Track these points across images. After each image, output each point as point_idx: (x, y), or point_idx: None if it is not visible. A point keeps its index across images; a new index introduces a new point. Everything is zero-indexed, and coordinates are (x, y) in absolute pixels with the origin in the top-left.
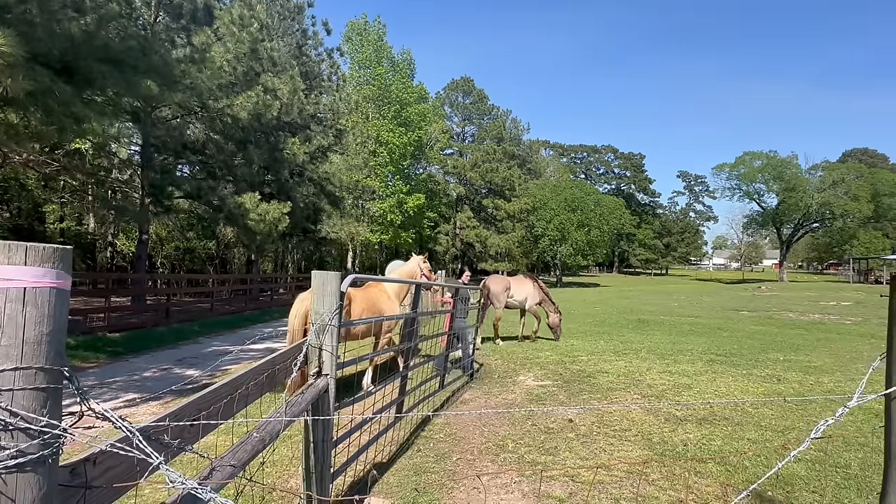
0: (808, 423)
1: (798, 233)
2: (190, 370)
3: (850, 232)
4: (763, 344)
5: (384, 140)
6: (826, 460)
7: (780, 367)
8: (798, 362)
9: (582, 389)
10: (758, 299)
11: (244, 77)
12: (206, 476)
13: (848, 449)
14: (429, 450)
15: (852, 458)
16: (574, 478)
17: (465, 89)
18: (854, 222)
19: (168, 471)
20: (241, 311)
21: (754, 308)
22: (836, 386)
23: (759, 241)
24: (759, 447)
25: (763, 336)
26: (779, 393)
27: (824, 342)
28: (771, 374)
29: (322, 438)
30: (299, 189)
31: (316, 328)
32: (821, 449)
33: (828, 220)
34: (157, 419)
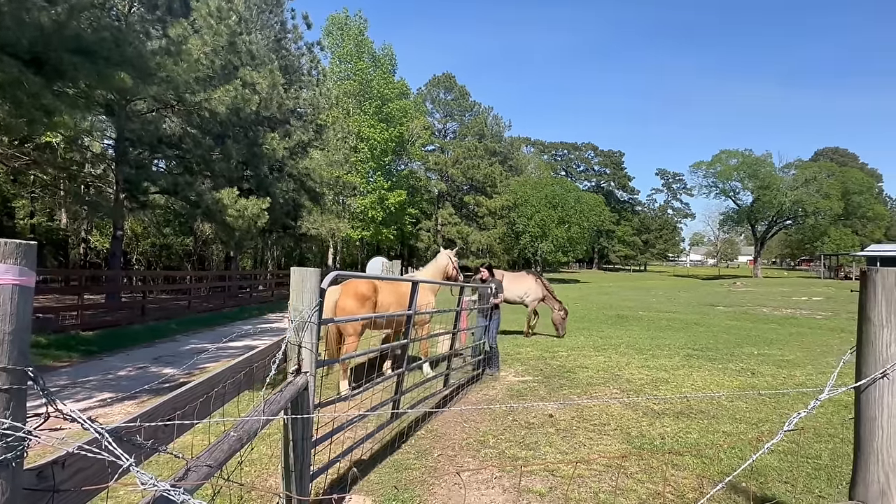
0: (780, 416)
1: (772, 230)
2: (167, 369)
3: (822, 229)
4: (738, 338)
5: (365, 136)
6: (798, 451)
7: (754, 361)
8: (771, 356)
9: (562, 385)
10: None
11: (222, 71)
12: (182, 477)
13: (819, 440)
14: (410, 446)
15: (823, 448)
16: (554, 472)
17: (446, 86)
18: (825, 220)
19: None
20: (220, 308)
21: (730, 303)
22: (807, 379)
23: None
24: (734, 439)
25: (738, 331)
26: (753, 386)
27: (796, 336)
28: (745, 368)
29: (301, 437)
30: (279, 185)
31: (295, 325)
32: (793, 440)
33: (800, 218)
34: (129, 419)
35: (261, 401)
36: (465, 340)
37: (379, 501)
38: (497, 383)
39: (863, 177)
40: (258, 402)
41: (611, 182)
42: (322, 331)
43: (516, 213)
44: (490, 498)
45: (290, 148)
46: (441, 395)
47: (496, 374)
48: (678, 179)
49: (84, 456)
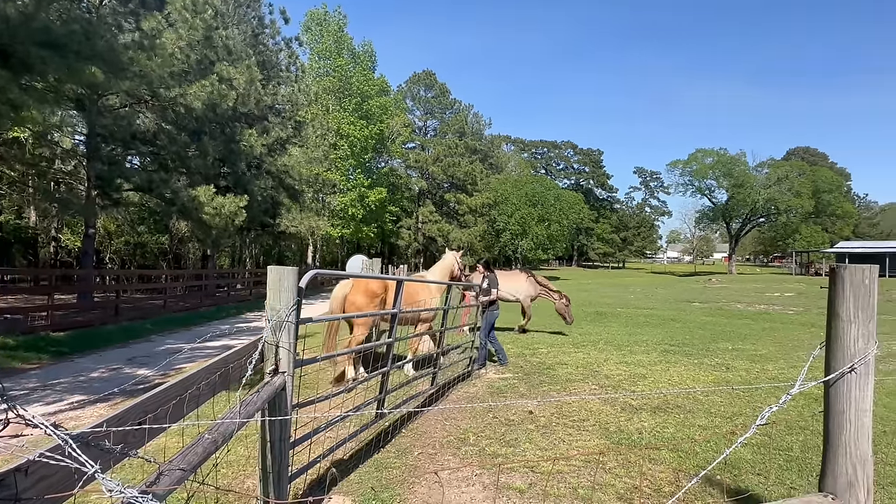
0: (754, 409)
1: (746, 227)
2: (141, 370)
3: (793, 226)
4: (713, 334)
5: (345, 133)
6: (770, 444)
7: (728, 355)
8: (745, 351)
9: (542, 381)
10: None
11: (198, 65)
12: (154, 481)
13: (790, 432)
14: (391, 445)
15: (794, 441)
16: (534, 468)
17: (427, 83)
18: (797, 217)
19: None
20: (197, 307)
21: (705, 299)
22: (779, 373)
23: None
24: (709, 433)
25: (713, 326)
26: (727, 381)
27: (769, 331)
28: (720, 363)
29: (279, 438)
30: (257, 182)
31: (272, 325)
32: (765, 433)
33: (773, 216)
34: (95, 424)
35: (237, 402)
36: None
37: (359, 501)
38: (478, 381)
39: (832, 175)
40: (234, 403)
41: (590, 180)
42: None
43: (497, 211)
44: (470, 495)
45: (269, 145)
46: (427, 394)
47: (501, 368)
48: (655, 178)
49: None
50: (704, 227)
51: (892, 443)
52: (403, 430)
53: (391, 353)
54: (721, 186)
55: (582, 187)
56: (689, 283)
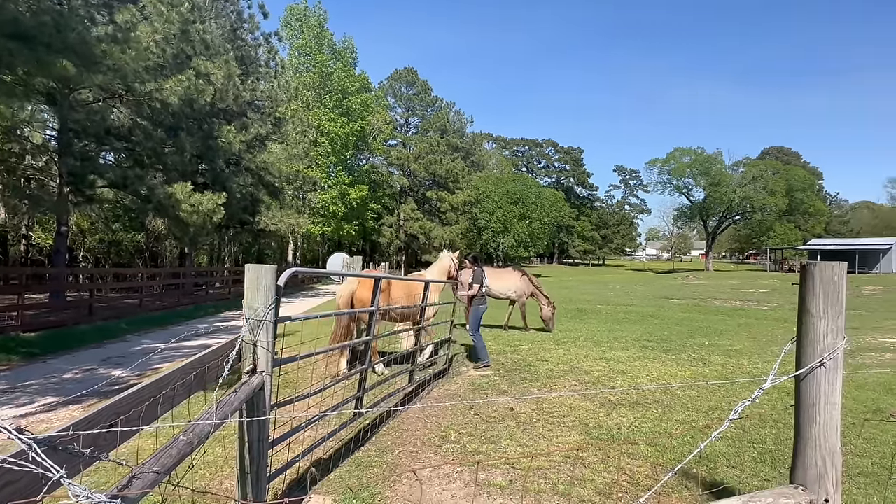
0: (729, 404)
1: (722, 225)
2: (116, 370)
3: (768, 224)
4: (690, 330)
5: (326, 130)
6: (744, 437)
7: (705, 351)
8: (721, 346)
9: (523, 378)
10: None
11: (174, 60)
12: (126, 485)
13: (764, 426)
14: (372, 444)
15: (767, 434)
16: (514, 465)
17: (408, 80)
18: (771, 215)
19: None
20: (174, 306)
21: (683, 296)
22: (754, 368)
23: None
24: (686, 427)
25: (690, 322)
26: (704, 376)
27: (744, 327)
28: (697, 359)
29: (258, 438)
30: (236, 179)
31: (250, 324)
32: (740, 427)
33: (748, 213)
34: (63, 427)
35: (213, 402)
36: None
37: (339, 500)
38: (460, 378)
39: (805, 174)
40: (211, 403)
41: (570, 178)
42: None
43: (478, 209)
44: (451, 493)
45: (248, 141)
46: (405, 391)
47: (485, 368)
48: (635, 176)
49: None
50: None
51: (860, 434)
52: (384, 428)
53: (369, 352)
54: (698, 185)
55: (563, 185)
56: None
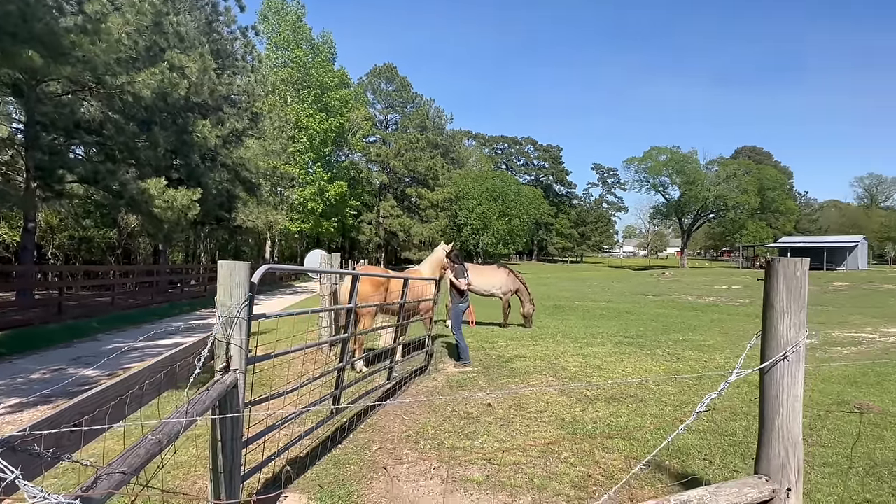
0: (702, 397)
1: (697, 223)
2: (86, 370)
3: (740, 222)
4: (665, 326)
5: (304, 125)
6: (715, 430)
7: (679, 346)
8: (694, 341)
9: (501, 374)
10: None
11: (147, 52)
12: (90, 486)
13: (734, 418)
14: (349, 441)
15: (738, 426)
16: (491, 460)
17: (388, 76)
18: (743, 213)
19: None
20: (148, 304)
21: (658, 293)
22: (725, 362)
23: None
24: (660, 421)
25: (665, 318)
26: (678, 371)
27: (717, 322)
28: (671, 354)
29: (231, 437)
30: (211, 174)
31: (223, 321)
32: (711, 420)
33: (722, 212)
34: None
35: (184, 401)
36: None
37: (315, 499)
38: (438, 375)
39: (776, 174)
40: (182, 402)
41: (549, 176)
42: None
43: (458, 206)
44: (428, 489)
45: (224, 136)
46: (384, 388)
47: (464, 366)
48: (612, 174)
49: None
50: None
51: (825, 426)
52: (362, 426)
53: (347, 349)
54: (674, 183)
55: (542, 183)
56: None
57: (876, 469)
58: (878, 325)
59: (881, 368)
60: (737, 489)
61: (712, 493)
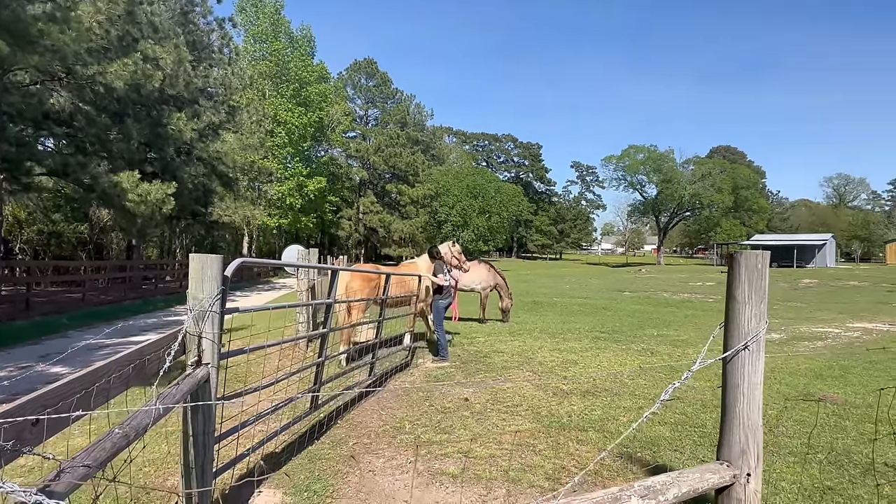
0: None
1: (673, 220)
2: (56, 367)
3: (715, 220)
4: (641, 321)
5: (282, 120)
6: (686, 422)
7: (653, 341)
8: (669, 337)
9: (478, 369)
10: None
11: (119, 42)
12: (53, 479)
13: (705, 411)
14: (325, 436)
15: (708, 418)
16: (467, 454)
17: (368, 71)
18: (718, 212)
19: None
20: (120, 300)
21: (635, 289)
22: (698, 356)
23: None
24: (633, 414)
25: (641, 314)
26: (651, 365)
27: (691, 318)
28: (646, 349)
29: (203, 431)
30: (187, 168)
31: (194, 314)
32: (682, 412)
33: (697, 210)
34: None
35: (153, 395)
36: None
37: (290, 494)
38: (416, 370)
39: (750, 173)
40: (151, 396)
41: (529, 173)
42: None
43: (438, 203)
44: (404, 483)
45: (200, 130)
46: (363, 384)
47: (442, 361)
48: (591, 172)
49: None
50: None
51: (791, 416)
52: (339, 421)
53: (326, 344)
54: (651, 181)
55: (522, 180)
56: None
57: (837, 457)
58: (843, 320)
59: (845, 362)
60: (699, 475)
61: (675, 479)
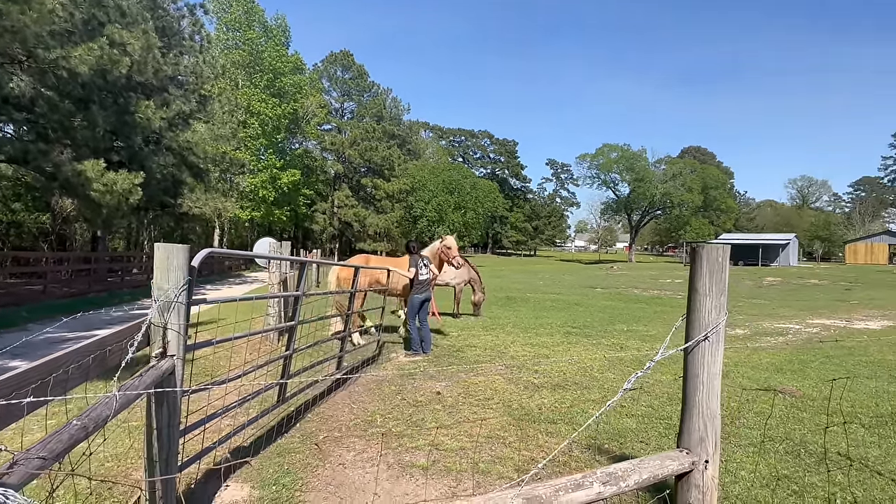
0: (641, 384)
1: (645, 219)
2: (14, 361)
3: (685, 219)
4: (611, 317)
5: (256, 110)
6: (653, 414)
7: (623, 336)
8: (638, 332)
9: (451, 363)
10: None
11: (84, 26)
12: (6, 471)
13: (670, 403)
14: (296, 430)
15: (673, 410)
16: (438, 446)
17: (344, 63)
18: (688, 211)
19: None
20: (84, 293)
21: (607, 285)
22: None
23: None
24: (601, 406)
25: (612, 310)
26: (620, 359)
27: (660, 314)
28: (616, 343)
29: (167, 424)
30: (156, 158)
31: (159, 305)
32: (649, 405)
33: (668, 209)
34: None
35: (114, 386)
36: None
37: (258, 487)
38: (388, 364)
39: (719, 174)
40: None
41: (505, 170)
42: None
43: (414, 198)
44: (374, 475)
45: (169, 119)
46: (333, 378)
47: (414, 355)
48: (566, 170)
49: None
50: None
51: (751, 409)
52: (309, 415)
53: (294, 337)
54: (624, 180)
55: (497, 177)
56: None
57: (794, 447)
58: (804, 317)
59: (804, 356)
60: (659, 462)
61: (636, 466)
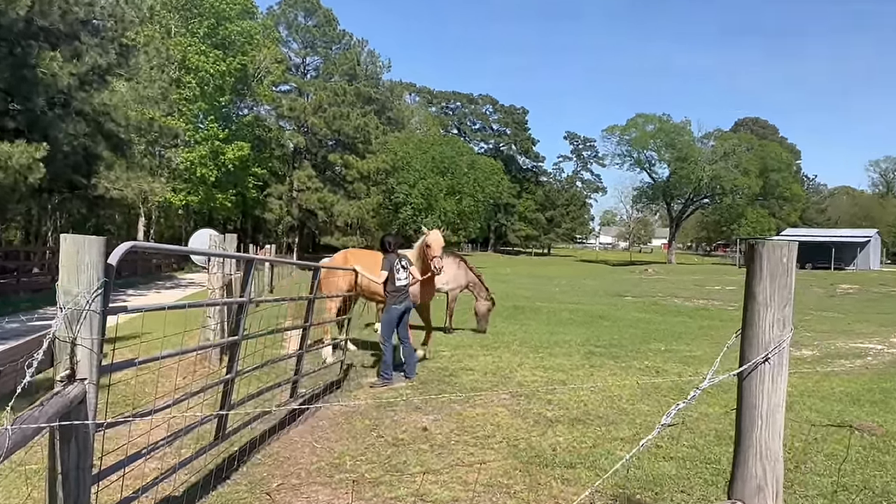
0: (684, 418)
1: (688, 209)
2: None
3: (739, 209)
4: (645, 333)
5: (193, 65)
6: (697, 456)
7: (660, 358)
8: (679, 352)
9: (441, 391)
10: (644, 283)
11: None
12: None
13: (720, 443)
14: (242, 475)
15: (723, 452)
16: (424, 496)
17: (307, 7)
18: (743, 199)
19: None
20: None
21: (640, 293)
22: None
23: (650, 217)
24: (632, 446)
25: (646, 325)
26: (657, 387)
27: (706, 330)
28: (651, 367)
29: (76, 467)
30: (63, 125)
31: (66, 314)
32: (693, 445)
33: (718, 196)
34: None
35: (6, 419)
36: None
37: None
38: (361, 392)
39: (782, 152)
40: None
41: (512, 145)
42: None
43: (395, 179)
44: None
45: (81, 75)
46: (288, 409)
47: (385, 383)
48: (589, 146)
49: None
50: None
51: (822, 450)
52: (259, 456)
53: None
54: (662, 159)
55: (502, 153)
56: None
57: (874, 499)
58: (887, 334)
59: (887, 384)
60: None
61: None
